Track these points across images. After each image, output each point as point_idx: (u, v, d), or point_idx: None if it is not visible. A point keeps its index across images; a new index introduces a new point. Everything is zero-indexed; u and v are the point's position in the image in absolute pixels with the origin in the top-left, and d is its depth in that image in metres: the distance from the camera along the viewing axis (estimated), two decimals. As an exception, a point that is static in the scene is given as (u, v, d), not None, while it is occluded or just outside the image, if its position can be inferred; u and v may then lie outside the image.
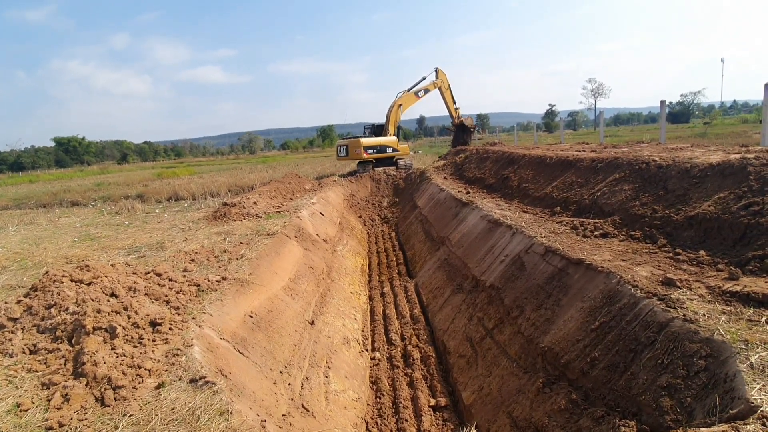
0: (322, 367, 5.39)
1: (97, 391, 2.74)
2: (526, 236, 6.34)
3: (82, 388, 2.75)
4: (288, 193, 13.86)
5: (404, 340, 7.10)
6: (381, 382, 5.93)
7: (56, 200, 15.76)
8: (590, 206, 6.77)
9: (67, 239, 8.76)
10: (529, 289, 5.47)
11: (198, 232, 8.68)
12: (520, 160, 10.82)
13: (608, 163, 7.31)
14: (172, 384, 2.87)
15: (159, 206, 13.72)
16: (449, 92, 22.45)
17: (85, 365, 2.90)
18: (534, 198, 8.67)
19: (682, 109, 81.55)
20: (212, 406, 2.57)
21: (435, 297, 8.09)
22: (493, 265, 6.73)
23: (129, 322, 3.58)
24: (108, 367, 2.92)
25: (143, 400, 2.69)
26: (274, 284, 6.20)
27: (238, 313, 4.88)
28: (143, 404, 2.65)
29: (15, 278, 6.11)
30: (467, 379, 5.48)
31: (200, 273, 5.68)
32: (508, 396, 4.55)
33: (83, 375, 2.87)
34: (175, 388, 2.82)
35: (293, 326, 5.63)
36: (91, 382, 2.81)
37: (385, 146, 21.02)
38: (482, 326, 5.94)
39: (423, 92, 22.21)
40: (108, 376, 2.81)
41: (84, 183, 26.93)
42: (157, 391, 2.80)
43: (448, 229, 10.15)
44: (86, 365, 2.89)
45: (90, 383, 2.80)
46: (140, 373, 2.93)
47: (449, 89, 22.40)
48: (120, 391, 2.73)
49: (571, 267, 5.02)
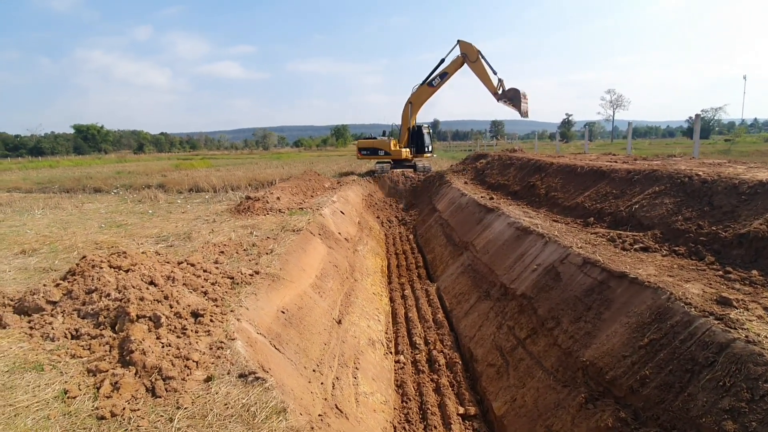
0: (351, 367, 5.31)
1: (148, 381, 2.68)
2: (561, 246, 6.20)
3: (131, 377, 2.70)
4: (308, 190, 13.85)
5: (428, 345, 6.99)
6: (407, 386, 5.83)
7: (79, 186, 15.96)
8: (627, 218, 6.60)
9: (93, 225, 8.81)
10: (566, 300, 5.33)
11: (223, 224, 8.67)
12: (547, 168, 10.64)
13: (646, 176, 7.13)
14: (221, 378, 2.81)
15: (180, 197, 13.80)
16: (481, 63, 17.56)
17: (134, 354, 2.85)
18: (564, 207, 8.50)
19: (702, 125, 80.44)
20: (267, 403, 2.50)
21: (459, 302, 7.97)
22: (523, 274, 6.59)
23: (171, 312, 3.53)
24: (156, 356, 2.87)
25: (194, 392, 2.63)
26: (302, 281, 6.14)
27: (272, 308, 4.83)
28: (195, 397, 2.58)
29: (46, 261, 6.14)
30: (497, 389, 5.35)
31: (232, 266, 5.64)
32: (545, 409, 4.42)
33: (132, 363, 2.82)
34: (224, 382, 2.76)
35: (322, 324, 5.56)
36: (140, 371, 2.76)
37: (377, 148, 20.80)
38: (513, 335, 5.81)
39: (438, 78, 18.95)
40: (158, 366, 2.76)
41: (103, 170, 27.29)
42: (206, 384, 2.74)
43: (471, 235, 10.02)
44: (134, 354, 2.84)
45: (139, 372, 2.75)
46: (188, 364, 2.87)
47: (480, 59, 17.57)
48: (170, 382, 2.67)
49: (613, 280, 4.87)
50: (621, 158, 10.95)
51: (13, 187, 16.83)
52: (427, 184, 18.13)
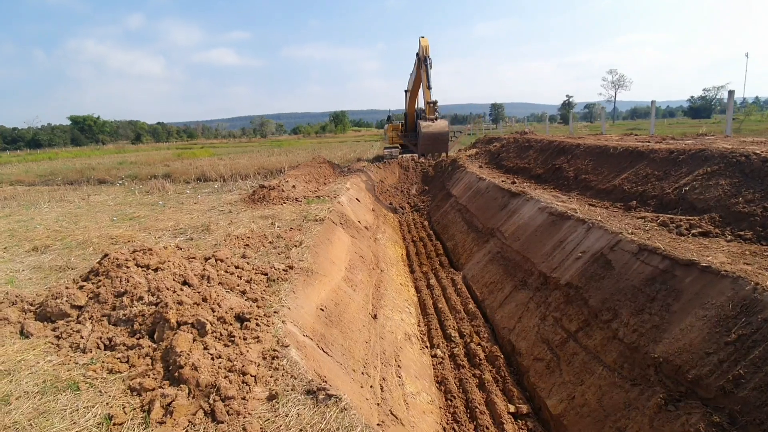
0: (393, 366, 4.98)
1: (205, 402, 2.32)
2: (608, 232, 5.81)
3: (185, 398, 2.34)
4: (320, 177, 13.40)
5: (463, 337, 6.67)
6: (448, 383, 5.52)
7: (83, 177, 15.48)
8: (677, 201, 6.20)
9: (104, 218, 8.41)
10: (622, 290, 4.97)
11: (240, 215, 8.28)
12: (573, 149, 10.19)
13: (692, 155, 6.70)
14: (286, 395, 2.45)
15: (188, 187, 13.36)
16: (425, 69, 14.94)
17: (183, 369, 2.48)
18: (598, 191, 8.09)
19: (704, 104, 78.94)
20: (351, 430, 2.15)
21: (491, 292, 7.62)
22: (566, 262, 6.22)
23: (214, 317, 3.16)
24: (209, 372, 2.50)
25: (260, 415, 2.27)
26: (334, 274, 5.77)
27: (311, 306, 4.47)
28: (263, 421, 2.23)
29: (61, 258, 5.76)
30: (550, 386, 5.03)
31: (261, 260, 5.26)
32: (613, 410, 4.09)
33: (183, 381, 2.45)
34: (291, 401, 2.40)
35: (360, 321, 5.21)
36: (194, 390, 2.39)
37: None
38: (561, 328, 5.47)
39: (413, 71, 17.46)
40: (214, 383, 2.39)
41: (104, 161, 26.72)
42: (271, 404, 2.38)
43: (496, 221, 9.63)
44: (185, 369, 2.47)
45: (193, 392, 2.39)
46: (246, 380, 2.51)
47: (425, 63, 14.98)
48: (230, 403, 2.31)
49: (679, 269, 4.50)
50: (648, 138, 10.49)
51: (15, 180, 16.35)
52: (438, 170, 17.65)
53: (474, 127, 71.44)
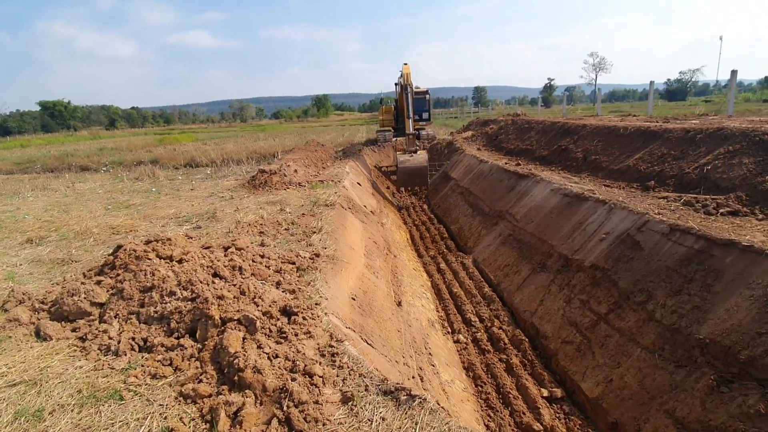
0: (425, 354, 4.82)
1: (277, 408, 2.07)
2: (634, 212, 5.72)
3: (253, 405, 2.09)
4: (318, 161, 13.00)
5: (483, 322, 6.57)
6: (476, 369, 5.42)
7: (63, 165, 14.61)
8: (698, 181, 6.15)
9: (97, 207, 7.89)
10: (654, 271, 4.89)
11: (244, 200, 7.90)
12: (579, 130, 10.08)
13: (710, 134, 6.64)
14: (361, 396, 2.22)
15: (178, 173, 12.77)
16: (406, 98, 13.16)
17: (245, 372, 2.22)
18: (611, 171, 8.01)
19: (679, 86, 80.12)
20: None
21: (506, 275, 7.53)
22: (588, 244, 6.13)
23: (259, 311, 2.89)
24: (275, 374, 2.25)
25: (342, 422, 2.04)
26: (356, 261, 5.54)
27: (343, 295, 4.24)
28: (346, 428, 2.00)
29: (60, 250, 5.33)
30: (583, 369, 4.96)
31: (281, 248, 4.98)
32: (658, 392, 4.03)
33: (246, 386, 2.19)
34: (369, 403, 2.18)
35: (388, 308, 5.02)
36: (261, 395, 2.14)
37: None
38: (590, 310, 5.40)
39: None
40: (283, 387, 2.14)
41: (81, 148, 25.42)
42: (348, 407, 2.15)
43: (504, 203, 9.51)
44: (246, 372, 2.21)
45: (260, 397, 2.14)
46: (314, 381, 2.27)
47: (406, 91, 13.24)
48: (305, 408, 2.07)
49: (717, 249, 4.43)
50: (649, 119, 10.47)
51: (-10, 168, 15.33)
52: (434, 153, 17.41)
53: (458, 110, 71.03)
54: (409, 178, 12.82)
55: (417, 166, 12.61)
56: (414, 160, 12.55)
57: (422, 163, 12.68)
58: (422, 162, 12.68)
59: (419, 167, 12.65)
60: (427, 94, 20.45)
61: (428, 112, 21.19)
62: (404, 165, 12.48)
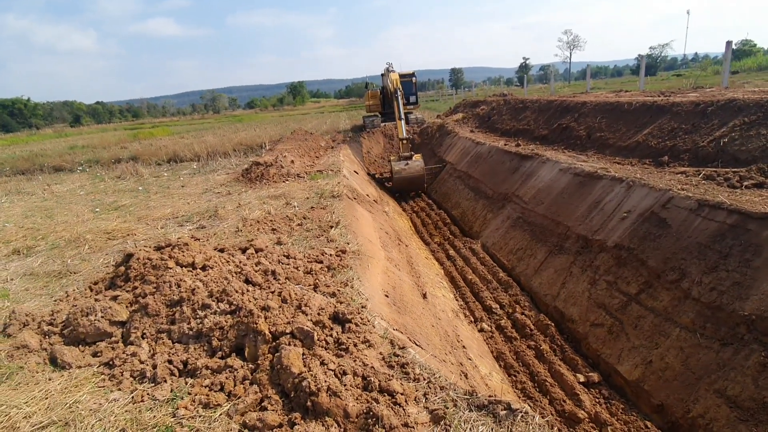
0: (460, 347, 4.64)
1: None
2: (656, 189, 5.62)
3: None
4: (310, 150, 12.53)
5: (504, 308, 6.44)
6: (506, 358, 5.29)
7: (34, 166, 13.62)
8: (715, 154, 6.09)
9: (83, 210, 7.32)
10: (685, 249, 4.80)
11: (242, 195, 7.48)
12: (580, 108, 9.95)
13: (721, 107, 6.58)
14: (452, 414, 1.98)
15: (162, 169, 12.09)
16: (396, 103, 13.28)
17: (319, 397, 1.94)
18: (619, 148, 7.92)
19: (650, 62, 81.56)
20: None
21: (520, 259, 7.40)
22: (609, 223, 6.02)
23: (310, 321, 2.59)
24: (353, 395, 1.98)
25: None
26: (377, 254, 5.27)
27: (378, 293, 3.98)
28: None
29: (53, 261, 4.85)
30: (617, 351, 4.88)
31: (300, 245, 4.66)
32: (704, 371, 3.96)
33: (323, 412, 1.91)
34: (465, 421, 1.94)
35: (417, 302, 4.79)
36: (343, 422, 1.87)
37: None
38: (618, 291, 5.30)
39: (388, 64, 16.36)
40: (370, 411, 1.88)
41: (48, 147, 23.95)
42: (440, 427, 1.91)
43: (508, 185, 9.35)
44: (321, 396, 1.93)
45: (343, 425, 1.87)
46: (396, 400, 2.01)
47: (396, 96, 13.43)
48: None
49: (752, 223, 4.35)
50: (639, 93, 10.42)
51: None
52: (425, 137, 17.12)
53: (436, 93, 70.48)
54: (406, 185, 12.41)
55: (414, 175, 12.17)
56: (410, 169, 12.04)
57: (419, 171, 12.22)
58: (419, 170, 12.21)
59: (416, 176, 12.22)
60: (413, 76, 20.03)
61: (415, 95, 20.84)
62: (400, 175, 11.97)
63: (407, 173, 12.01)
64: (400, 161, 12.18)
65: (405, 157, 12.25)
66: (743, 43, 51.73)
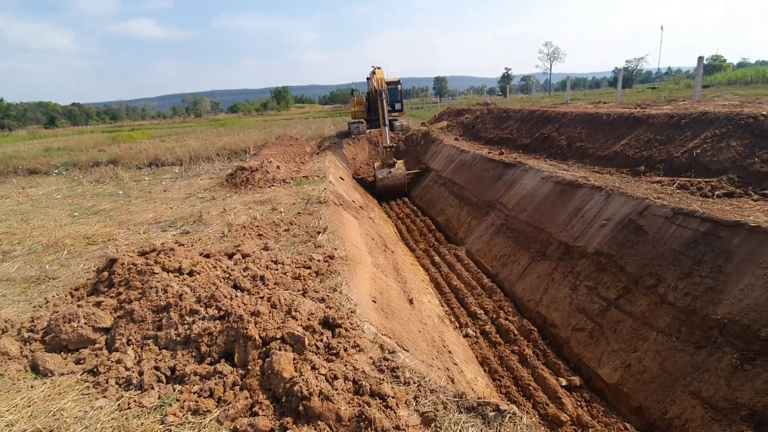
0: (446, 353, 4.69)
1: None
2: (633, 198, 5.83)
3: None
4: (295, 156, 12.51)
5: (488, 314, 6.54)
6: (491, 363, 5.37)
7: (8, 168, 13.15)
8: (688, 164, 6.36)
9: (60, 214, 7.12)
10: (661, 255, 5.00)
11: (228, 201, 7.41)
12: (560, 118, 10.24)
13: (694, 119, 6.88)
14: (441, 416, 2.02)
15: (143, 173, 11.85)
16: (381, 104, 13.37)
17: (310, 401, 1.95)
18: (598, 158, 8.18)
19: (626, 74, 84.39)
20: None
21: (504, 265, 7.53)
22: (589, 230, 6.21)
23: (300, 326, 2.61)
24: (345, 399, 2.00)
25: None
26: (364, 260, 5.30)
27: (365, 299, 4.01)
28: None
29: (31, 267, 4.71)
30: (598, 355, 5.01)
31: (287, 251, 4.65)
32: (680, 374, 4.11)
33: (315, 416, 1.93)
34: (454, 422, 1.98)
35: (404, 308, 4.84)
36: (335, 426, 1.89)
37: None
38: (598, 296, 5.46)
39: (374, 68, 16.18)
40: (362, 414, 1.90)
41: (21, 149, 23.17)
42: (430, 429, 1.94)
43: (492, 193, 9.53)
44: (312, 401, 1.95)
45: (335, 429, 1.88)
46: (387, 403, 2.04)
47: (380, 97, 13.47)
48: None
49: (724, 230, 4.56)
50: (617, 105, 10.82)
51: None
52: (410, 144, 17.28)
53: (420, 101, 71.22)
54: (387, 192, 13.14)
55: (396, 183, 13.04)
56: (392, 177, 12.93)
57: (401, 179, 13.12)
58: (401, 177, 13.10)
59: (398, 183, 13.09)
60: (399, 84, 20.24)
61: (401, 103, 21.04)
62: (383, 182, 12.81)
63: (390, 181, 12.81)
64: (383, 168, 12.82)
65: (388, 164, 12.90)
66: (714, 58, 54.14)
